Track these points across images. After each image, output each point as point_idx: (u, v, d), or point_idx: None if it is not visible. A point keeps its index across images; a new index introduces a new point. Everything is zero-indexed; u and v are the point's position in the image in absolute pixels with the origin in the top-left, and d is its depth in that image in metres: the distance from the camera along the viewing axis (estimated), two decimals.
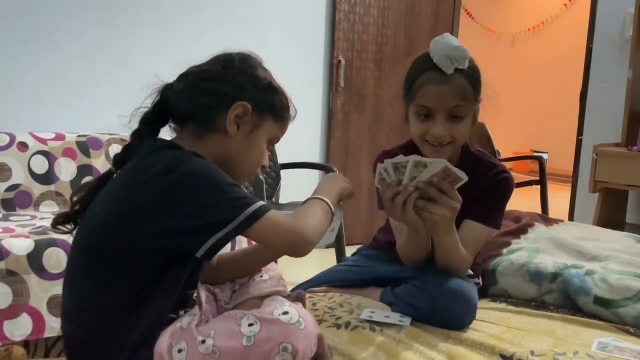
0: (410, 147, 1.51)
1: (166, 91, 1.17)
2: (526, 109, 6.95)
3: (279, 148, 3.01)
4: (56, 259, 1.93)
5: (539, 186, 4.00)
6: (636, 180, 3.25)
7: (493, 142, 3.83)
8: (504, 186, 1.50)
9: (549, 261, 1.65)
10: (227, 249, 2.24)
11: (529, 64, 7.14)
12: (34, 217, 2.31)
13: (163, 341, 1.02)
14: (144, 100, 1.18)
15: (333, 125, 3.73)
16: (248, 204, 1.02)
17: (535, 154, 5.47)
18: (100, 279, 1.06)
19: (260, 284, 1.30)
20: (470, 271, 1.52)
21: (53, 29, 2.76)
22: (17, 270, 1.86)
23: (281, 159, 3.19)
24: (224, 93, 1.14)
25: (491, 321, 1.42)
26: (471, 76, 1.41)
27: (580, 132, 3.87)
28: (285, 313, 1.02)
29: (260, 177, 2.85)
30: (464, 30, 4.63)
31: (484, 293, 1.62)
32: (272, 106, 1.18)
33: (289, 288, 1.39)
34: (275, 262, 1.39)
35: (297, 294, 1.28)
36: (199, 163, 1.05)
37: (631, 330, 1.41)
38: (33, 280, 1.88)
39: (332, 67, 3.68)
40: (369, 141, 3.86)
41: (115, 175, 1.15)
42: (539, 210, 3.72)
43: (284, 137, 1.25)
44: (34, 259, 1.89)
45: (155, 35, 3.05)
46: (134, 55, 2.98)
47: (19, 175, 2.46)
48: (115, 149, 2.69)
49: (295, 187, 3.14)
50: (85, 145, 2.66)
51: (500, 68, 6.30)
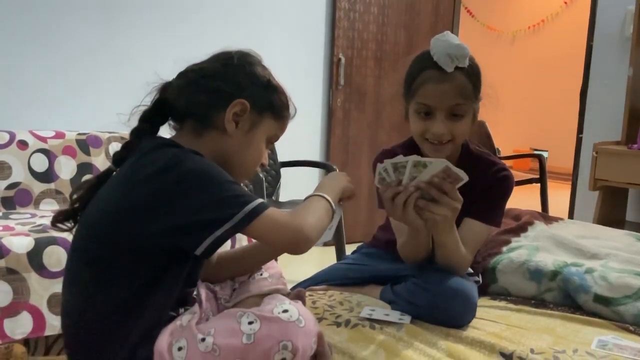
0: (410, 146, 1.51)
1: (165, 89, 1.17)
2: (526, 107, 6.95)
3: (279, 146, 3.02)
4: (56, 257, 1.93)
5: (539, 184, 3.99)
6: (636, 178, 3.25)
7: (493, 140, 3.83)
8: (504, 184, 1.50)
9: (548, 259, 1.65)
10: (227, 247, 2.25)
11: (529, 62, 7.14)
12: (34, 216, 2.31)
13: (163, 339, 1.02)
14: (143, 98, 1.18)
15: (333, 123, 3.73)
16: (247, 201, 1.02)
17: (535, 152, 5.46)
18: (99, 278, 1.06)
19: (260, 282, 1.30)
20: (470, 269, 1.52)
21: (53, 27, 2.76)
22: (18, 268, 1.86)
23: (281, 157, 3.19)
24: (223, 91, 1.14)
25: (491, 319, 1.42)
26: (471, 74, 1.40)
27: (580, 130, 3.87)
28: (285, 311, 1.02)
29: (261, 176, 2.85)
30: (464, 29, 4.63)
31: (483, 291, 1.62)
32: (271, 104, 1.18)
33: (289, 286, 1.39)
34: (275, 260, 1.39)
35: (297, 292, 1.28)
36: (197, 161, 1.05)
37: (631, 328, 1.41)
38: (33, 279, 1.88)
39: (332, 65, 3.68)
40: (369, 139, 3.86)
41: (114, 173, 1.15)
42: (539, 209, 3.71)
43: (283, 136, 1.25)
44: (34, 257, 1.89)
45: (155, 33, 3.05)
46: (134, 53, 2.98)
47: (19, 174, 2.46)
48: (115, 147, 2.69)
49: (295, 186, 3.14)
50: (85, 144, 2.66)
51: (500, 66, 6.30)
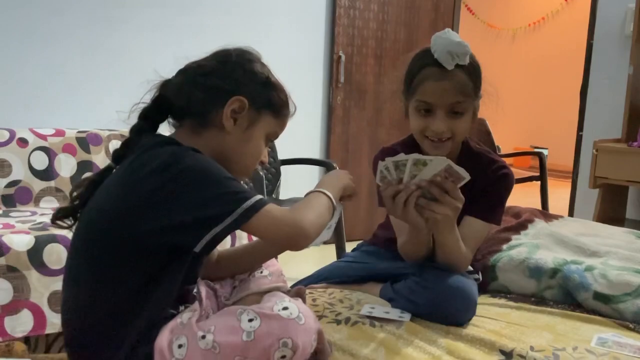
0: (410, 143, 1.51)
1: (165, 87, 1.17)
2: (526, 105, 6.95)
3: (279, 144, 3.02)
4: (57, 255, 1.93)
5: (539, 182, 3.99)
6: (636, 176, 3.25)
7: (493, 138, 3.83)
8: (504, 182, 1.50)
9: (548, 257, 1.65)
10: (228, 245, 2.26)
11: (530, 59, 7.13)
12: (34, 213, 2.31)
13: (163, 337, 1.02)
14: (143, 96, 1.18)
15: (333, 121, 3.73)
16: (246, 197, 1.02)
17: (536, 150, 5.45)
18: (99, 275, 1.06)
19: (261, 279, 1.31)
20: (470, 267, 1.52)
21: (52, 24, 2.76)
22: (18, 266, 1.86)
23: (281, 155, 3.19)
24: (220, 88, 1.14)
25: (491, 317, 1.42)
26: (472, 72, 1.40)
27: (580, 128, 3.87)
28: (285, 308, 1.03)
29: (261, 174, 2.85)
30: (464, 26, 4.62)
31: (483, 289, 1.62)
32: (270, 101, 1.18)
33: (289, 284, 1.39)
34: (276, 258, 1.39)
35: (297, 290, 1.28)
36: (196, 158, 1.05)
37: (631, 325, 1.41)
38: (34, 276, 1.88)
39: (332, 63, 3.68)
40: (369, 137, 3.85)
41: (114, 170, 1.15)
42: (539, 206, 3.71)
43: (283, 133, 1.25)
44: (35, 255, 1.89)
45: (155, 31, 3.05)
46: (133, 51, 2.97)
47: (19, 171, 2.46)
48: (115, 145, 2.67)
49: (295, 183, 3.14)
50: (85, 141, 2.66)
51: (500, 64, 6.30)
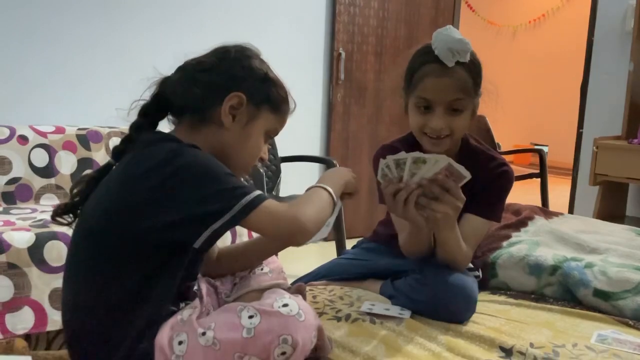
0: (409, 140, 1.51)
1: (164, 84, 1.17)
2: (527, 102, 6.94)
3: (279, 141, 3.02)
4: (57, 252, 1.93)
5: (539, 179, 3.99)
6: (636, 173, 3.25)
7: (493, 135, 3.82)
8: (503, 179, 1.50)
9: (548, 254, 1.65)
10: (228, 242, 2.26)
11: (530, 56, 7.12)
12: (34, 210, 2.31)
13: (164, 333, 1.02)
14: (143, 93, 1.18)
15: (333, 118, 3.72)
16: (245, 193, 1.02)
17: (536, 147, 5.45)
18: (99, 273, 1.06)
19: (261, 276, 1.31)
20: (470, 264, 1.52)
21: (52, 22, 2.76)
22: (18, 263, 1.86)
23: (281, 152, 3.19)
24: (219, 84, 1.13)
25: (491, 314, 1.43)
26: (472, 70, 1.40)
27: (580, 125, 3.87)
28: (285, 305, 1.03)
29: (261, 171, 2.85)
30: (465, 23, 4.61)
31: (483, 286, 1.62)
32: (269, 97, 1.17)
33: (290, 281, 1.39)
34: (276, 255, 1.39)
35: (298, 287, 1.28)
36: (195, 154, 1.05)
37: (630, 322, 1.42)
38: (34, 274, 1.88)
39: (333, 60, 3.67)
40: (369, 134, 3.85)
41: (114, 167, 1.15)
42: (539, 204, 3.71)
43: (283, 130, 1.25)
44: (35, 252, 1.90)
45: (155, 28, 3.04)
46: (134, 48, 2.97)
47: (20, 169, 2.46)
48: (116, 142, 2.66)
49: (295, 181, 3.14)
50: (86, 139, 2.66)
51: (501, 61, 6.29)
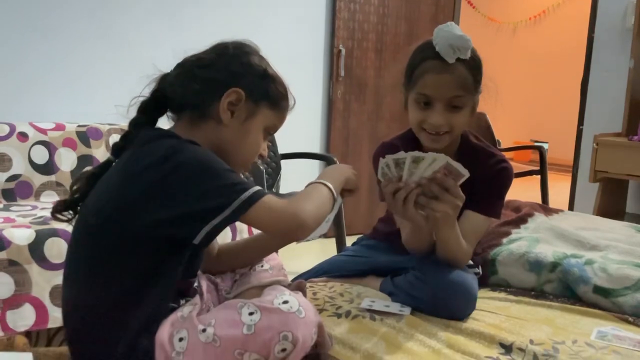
0: (409, 137, 1.51)
1: (163, 80, 1.17)
2: (527, 99, 6.94)
3: (279, 138, 3.02)
4: (57, 249, 1.93)
5: (539, 176, 3.99)
6: (636, 170, 3.25)
7: (493, 132, 3.82)
8: (503, 176, 1.50)
9: (548, 251, 1.65)
10: (228, 238, 2.26)
11: (530, 53, 7.11)
12: (34, 207, 2.32)
13: (164, 330, 1.02)
14: (142, 89, 1.18)
15: (333, 115, 3.72)
16: (244, 189, 1.02)
17: (536, 144, 5.46)
18: (99, 269, 1.06)
19: (261, 273, 1.31)
20: (470, 261, 1.52)
21: (52, 18, 2.75)
22: (19, 260, 1.86)
23: (281, 149, 3.19)
24: (217, 80, 1.13)
25: (491, 310, 1.43)
26: (473, 67, 1.40)
27: (580, 122, 3.87)
28: (285, 302, 1.03)
29: (261, 168, 2.85)
30: (465, 19, 4.61)
31: (483, 282, 1.62)
32: (268, 93, 1.17)
33: (290, 278, 1.39)
34: (276, 252, 1.39)
35: (298, 284, 1.28)
36: (194, 151, 1.05)
37: (630, 319, 1.42)
38: (35, 270, 1.88)
39: (333, 57, 3.67)
40: (369, 131, 3.85)
41: (114, 164, 1.15)
42: (539, 200, 3.72)
43: (283, 127, 1.24)
44: (36, 249, 1.90)
45: (154, 24, 3.04)
46: (133, 45, 2.97)
47: (20, 166, 2.46)
48: (116, 139, 2.66)
49: (295, 177, 3.14)
50: (86, 136, 2.66)
51: (501, 57, 6.28)
